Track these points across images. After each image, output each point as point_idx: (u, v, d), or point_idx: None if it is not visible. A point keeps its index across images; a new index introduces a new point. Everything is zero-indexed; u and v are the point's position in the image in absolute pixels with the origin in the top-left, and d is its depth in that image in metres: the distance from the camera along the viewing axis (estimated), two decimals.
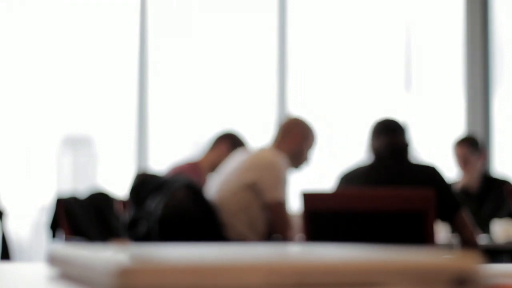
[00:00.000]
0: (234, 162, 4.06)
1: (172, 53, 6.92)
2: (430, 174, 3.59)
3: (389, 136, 3.72)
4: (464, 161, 5.29)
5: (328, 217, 3.33)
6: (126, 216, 4.00)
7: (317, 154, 4.43)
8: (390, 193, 3.30)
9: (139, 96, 6.76)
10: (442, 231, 4.27)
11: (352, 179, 3.70)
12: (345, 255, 0.58)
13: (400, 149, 3.69)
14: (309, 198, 3.34)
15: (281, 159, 3.95)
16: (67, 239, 4.25)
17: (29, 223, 6.61)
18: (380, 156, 3.69)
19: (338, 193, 3.47)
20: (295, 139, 4.11)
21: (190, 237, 3.75)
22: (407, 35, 7.44)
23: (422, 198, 3.23)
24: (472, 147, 5.33)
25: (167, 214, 3.75)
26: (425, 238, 3.20)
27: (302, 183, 6.00)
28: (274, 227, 3.98)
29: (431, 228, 3.21)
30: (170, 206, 3.76)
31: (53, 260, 0.74)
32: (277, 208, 3.93)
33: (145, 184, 3.90)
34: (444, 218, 3.60)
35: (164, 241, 3.73)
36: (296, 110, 6.89)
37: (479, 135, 6.14)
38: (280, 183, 3.93)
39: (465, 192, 5.29)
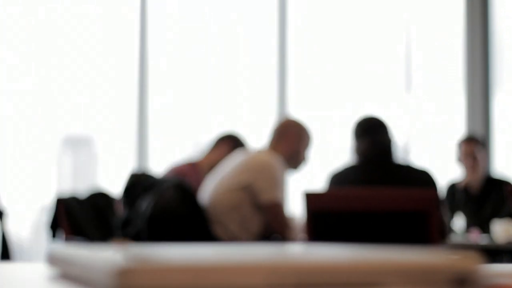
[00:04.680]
0: (230, 163, 4.07)
1: (172, 53, 6.92)
2: (421, 178, 3.58)
3: (372, 137, 3.72)
4: (472, 158, 5.29)
5: (330, 217, 3.33)
6: (120, 216, 4.01)
7: (317, 154, 4.43)
8: (393, 193, 3.30)
9: (139, 96, 6.76)
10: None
11: (341, 181, 3.71)
12: (345, 255, 0.58)
13: (384, 149, 3.69)
14: (312, 198, 3.34)
15: (277, 161, 3.97)
16: (67, 239, 4.25)
17: (29, 223, 6.61)
18: (365, 158, 3.70)
19: (341, 193, 3.47)
20: (290, 141, 4.12)
21: (178, 236, 3.76)
22: (407, 35, 7.44)
23: (425, 198, 3.23)
24: (479, 145, 5.35)
25: (155, 214, 3.76)
26: (428, 238, 3.20)
27: (302, 184, 6.00)
28: (272, 228, 3.99)
29: (434, 229, 3.21)
30: (159, 206, 3.77)
31: (53, 260, 0.74)
32: (274, 209, 3.94)
33: (137, 184, 3.91)
34: None
35: (154, 241, 3.74)
36: (296, 110, 6.89)
37: (479, 135, 6.14)
38: (276, 184, 3.93)
39: (466, 192, 5.29)
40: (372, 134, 3.72)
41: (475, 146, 5.32)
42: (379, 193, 3.33)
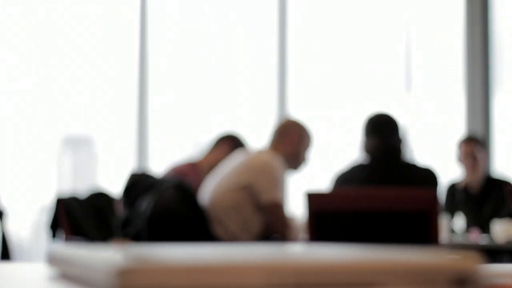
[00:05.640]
0: (230, 163, 4.07)
1: (172, 53, 6.92)
2: (426, 176, 3.58)
3: (382, 136, 3.70)
4: (472, 159, 5.29)
5: (332, 217, 3.32)
6: (120, 216, 4.01)
7: (317, 155, 4.42)
8: (394, 193, 3.30)
9: (139, 96, 6.76)
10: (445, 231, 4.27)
11: (347, 180, 3.70)
12: (345, 255, 0.58)
13: (393, 149, 3.68)
14: (314, 198, 3.34)
15: (277, 161, 3.97)
16: (67, 239, 4.25)
17: (29, 223, 6.61)
18: (374, 157, 3.68)
19: (342, 193, 3.46)
20: (291, 141, 4.12)
21: (178, 236, 3.75)
22: (407, 35, 7.44)
23: (427, 198, 3.23)
24: (479, 145, 5.35)
25: (155, 214, 3.76)
26: (429, 238, 3.20)
27: (303, 184, 6.00)
28: (273, 228, 3.99)
29: (435, 228, 3.20)
30: (159, 206, 3.77)
31: (53, 260, 0.74)
32: (274, 209, 3.93)
33: (137, 184, 3.91)
34: None
35: (154, 241, 3.74)
36: (296, 110, 6.89)
37: (479, 135, 6.14)
38: (276, 184, 3.93)
39: (466, 192, 5.29)
40: (381, 132, 3.70)
41: (475, 146, 5.32)
42: (380, 193, 3.33)
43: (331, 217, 3.33)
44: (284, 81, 7.07)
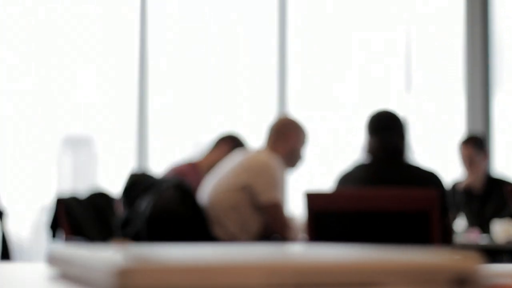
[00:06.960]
0: (229, 164, 4.07)
1: (172, 53, 6.92)
2: (430, 180, 3.56)
3: (384, 135, 3.67)
4: (469, 161, 5.29)
5: (332, 217, 3.32)
6: (120, 216, 4.01)
7: (317, 154, 4.42)
8: (394, 193, 3.29)
9: (139, 96, 6.76)
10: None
11: (350, 180, 3.69)
12: (345, 255, 0.58)
13: (396, 149, 3.65)
14: (313, 198, 3.34)
15: (276, 161, 3.97)
16: (67, 239, 4.25)
17: (29, 223, 6.61)
18: (376, 157, 3.66)
19: (342, 193, 3.46)
20: (289, 140, 4.12)
21: (178, 237, 3.76)
22: (407, 35, 7.44)
23: (427, 198, 3.23)
24: (477, 147, 5.34)
25: (155, 214, 3.76)
26: (429, 238, 3.20)
27: (302, 184, 6.00)
28: (272, 228, 3.99)
29: (435, 229, 3.20)
30: (158, 206, 3.77)
31: (53, 260, 0.74)
32: (273, 209, 3.93)
33: (137, 184, 3.91)
34: None
35: (153, 241, 3.74)
36: (296, 110, 6.89)
37: (479, 135, 6.14)
38: (275, 185, 3.93)
39: (468, 192, 5.29)
40: (383, 132, 3.67)
41: (472, 148, 5.32)
42: (380, 193, 3.33)
43: (330, 217, 3.33)
44: (284, 81, 7.07)
